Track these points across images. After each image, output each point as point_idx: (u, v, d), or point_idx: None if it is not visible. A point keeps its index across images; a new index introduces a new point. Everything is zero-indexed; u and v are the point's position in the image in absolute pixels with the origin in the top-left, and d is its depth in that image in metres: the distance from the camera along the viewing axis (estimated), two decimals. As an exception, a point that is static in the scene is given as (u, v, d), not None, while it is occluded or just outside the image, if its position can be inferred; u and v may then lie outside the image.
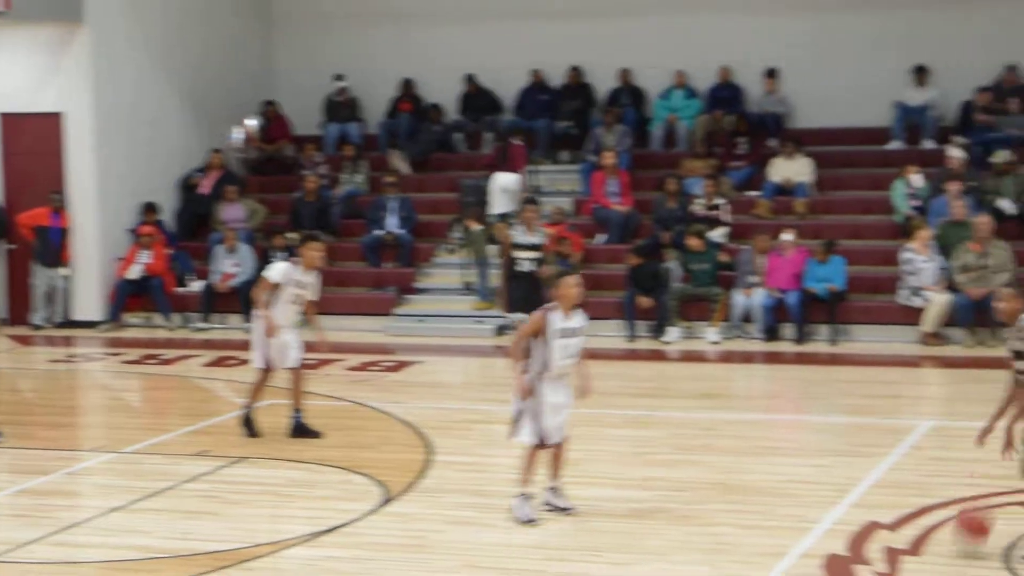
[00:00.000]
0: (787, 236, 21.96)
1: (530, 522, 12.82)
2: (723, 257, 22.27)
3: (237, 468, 15.29)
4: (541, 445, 12.89)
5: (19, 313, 24.59)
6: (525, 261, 18.09)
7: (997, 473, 13.25)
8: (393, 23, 26.97)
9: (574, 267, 22.70)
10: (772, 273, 21.83)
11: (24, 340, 23.53)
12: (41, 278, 24.24)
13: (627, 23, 25.89)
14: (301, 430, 16.35)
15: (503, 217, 23.94)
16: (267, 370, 16.28)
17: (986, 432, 11.83)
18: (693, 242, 22.10)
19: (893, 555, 11.86)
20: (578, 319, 13.04)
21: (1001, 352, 16.25)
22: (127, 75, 24.64)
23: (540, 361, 12.81)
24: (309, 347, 16.21)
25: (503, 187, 24.34)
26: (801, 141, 24.37)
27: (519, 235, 18.21)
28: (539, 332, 12.76)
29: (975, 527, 11.66)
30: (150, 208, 24.52)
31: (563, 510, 13.09)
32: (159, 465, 15.54)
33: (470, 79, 26.37)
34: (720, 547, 12.27)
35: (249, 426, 16.41)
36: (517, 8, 26.37)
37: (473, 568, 11.94)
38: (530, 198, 22.41)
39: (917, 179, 22.67)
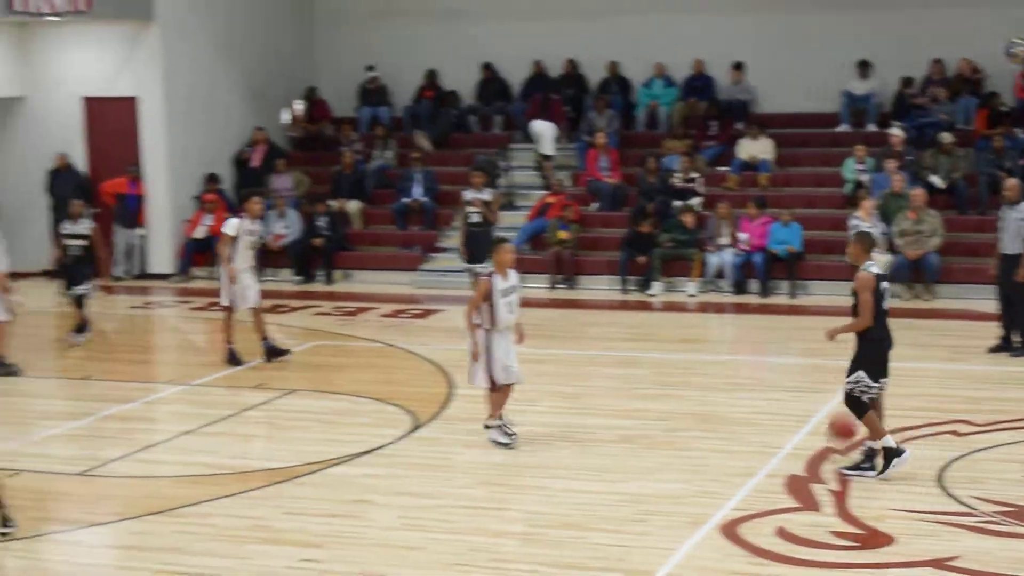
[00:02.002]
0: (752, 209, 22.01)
1: (504, 445, 12.99)
2: (686, 220, 22.19)
3: (289, 399, 15.36)
4: (493, 387, 13.01)
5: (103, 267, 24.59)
6: (474, 214, 18.19)
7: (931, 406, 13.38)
8: (418, 20, 26.87)
9: (574, 228, 22.78)
10: (742, 235, 21.86)
11: (108, 290, 23.54)
12: (121, 237, 24.22)
13: (615, 22, 25.78)
14: (273, 352, 16.97)
15: (547, 158, 24.41)
16: (231, 309, 16.83)
17: None
18: (687, 218, 22.12)
19: (843, 476, 11.94)
20: (513, 278, 13.17)
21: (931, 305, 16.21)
22: (191, 64, 24.56)
23: (487, 319, 12.94)
24: (346, 296, 16.24)
25: (541, 132, 24.58)
26: (764, 124, 24.32)
27: (469, 194, 18.34)
28: (486, 296, 12.85)
29: (843, 430, 11.87)
30: (212, 178, 24.49)
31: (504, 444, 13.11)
32: (222, 396, 15.62)
33: (487, 67, 26.31)
34: (697, 468, 12.35)
35: (234, 358, 16.88)
36: (523, 8, 26.27)
37: (488, 484, 12.03)
38: (479, 165, 22.09)
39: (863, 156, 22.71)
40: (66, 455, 13.35)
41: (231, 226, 16.77)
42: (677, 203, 22.64)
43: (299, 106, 25.99)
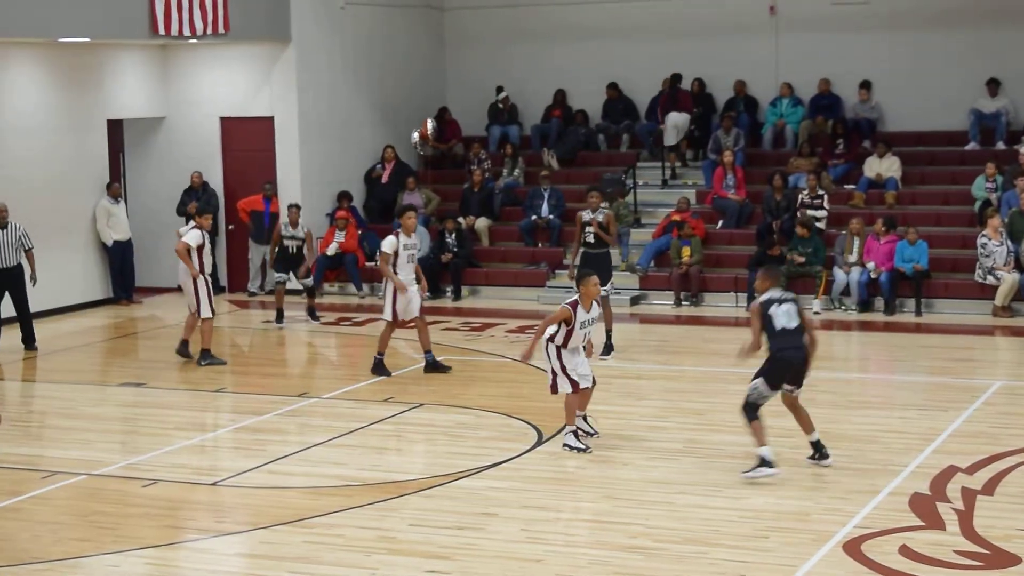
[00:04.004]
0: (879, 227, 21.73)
1: (582, 451, 13.35)
2: (800, 231, 21.97)
3: (416, 412, 15.43)
4: (576, 389, 13.41)
5: (238, 282, 24.90)
6: (590, 235, 18.11)
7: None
8: (547, 40, 26.93)
9: (696, 245, 22.63)
10: (868, 254, 21.59)
11: (242, 304, 23.86)
12: (256, 253, 24.52)
13: (742, 42, 25.63)
14: (434, 366, 17.21)
15: (674, 148, 24.49)
16: (392, 322, 17.13)
17: None
18: (800, 229, 21.92)
19: (969, 494, 11.74)
20: (595, 311, 13.69)
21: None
22: (325, 85, 24.83)
23: (562, 339, 13.39)
24: (473, 312, 16.31)
25: (674, 124, 24.60)
26: (891, 142, 24.02)
27: (587, 214, 18.25)
28: (567, 322, 13.28)
29: None
30: (344, 196, 24.69)
31: (589, 435, 13.75)
32: (352, 409, 15.73)
33: (613, 86, 26.29)
34: (821, 485, 12.22)
35: (380, 369, 17.13)
36: (652, 28, 26.18)
37: (612, 499, 11.99)
38: (600, 184, 21.88)
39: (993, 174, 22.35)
40: (199, 465, 13.55)
41: (388, 244, 17.04)
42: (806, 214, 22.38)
43: (429, 125, 26.16)
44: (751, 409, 12.48)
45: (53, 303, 22.36)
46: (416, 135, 26.18)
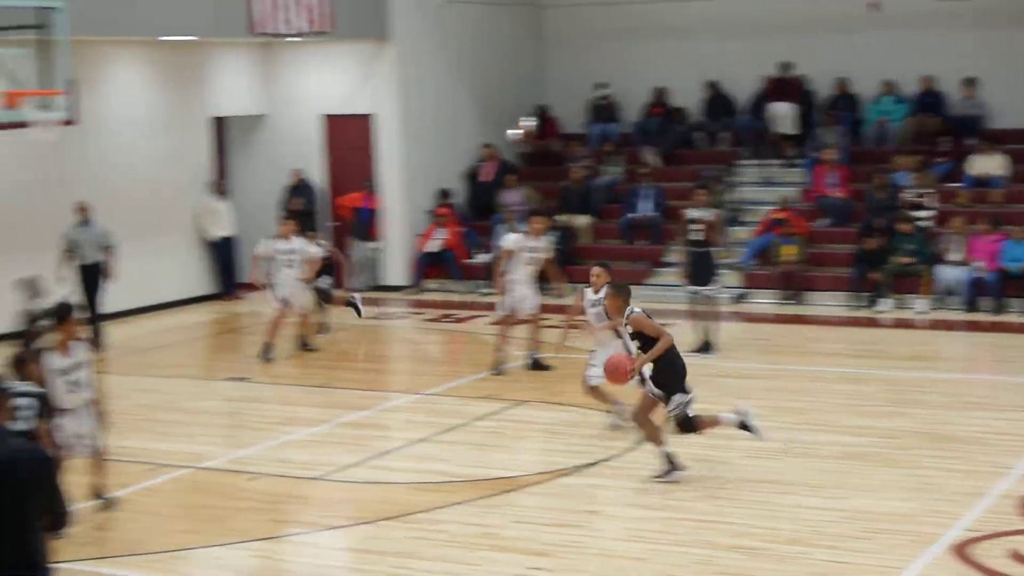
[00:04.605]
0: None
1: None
2: (902, 228, 21.75)
3: (518, 409, 15.49)
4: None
5: (339, 279, 25.10)
6: (695, 233, 18.03)
7: None
8: (647, 39, 26.89)
9: (800, 243, 22.48)
10: (973, 252, 21.35)
11: (343, 301, 24.01)
12: (357, 250, 24.76)
13: (843, 39, 25.44)
14: (537, 365, 17.30)
15: (789, 138, 24.38)
16: (507, 318, 17.32)
17: None
18: (903, 227, 21.71)
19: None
20: (601, 295, 13.77)
21: None
22: (425, 82, 24.98)
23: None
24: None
25: (780, 113, 24.56)
26: (996, 139, 23.72)
27: (695, 212, 18.16)
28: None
29: (616, 371, 12.39)
30: (445, 193, 24.84)
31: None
32: (454, 405, 15.82)
33: (712, 85, 26.19)
34: (925, 487, 12.10)
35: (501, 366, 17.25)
36: (751, 25, 26.08)
37: (713, 498, 11.96)
38: (703, 183, 21.73)
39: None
40: (304, 460, 13.68)
41: (510, 241, 17.34)
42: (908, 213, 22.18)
43: (529, 122, 26.19)
44: (689, 423, 12.31)
45: (156, 299, 22.70)
46: (516, 132, 26.25)
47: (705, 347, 17.98)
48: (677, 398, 12.21)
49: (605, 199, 25.19)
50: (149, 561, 10.83)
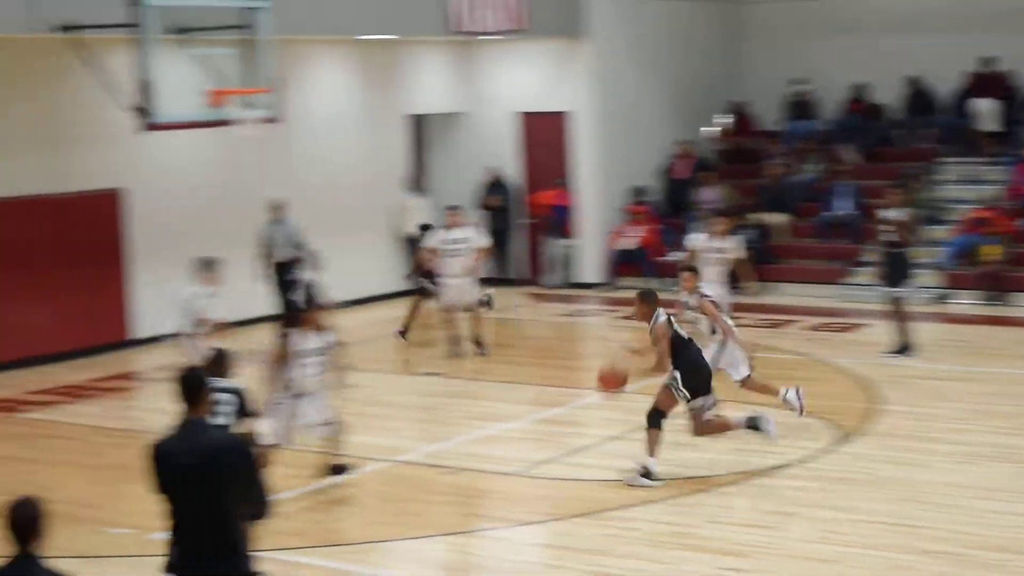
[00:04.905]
0: None
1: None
2: None
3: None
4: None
5: (535, 275, 25.30)
6: (888, 233, 17.63)
7: None
8: (843, 34, 26.50)
9: (1003, 242, 21.95)
10: None
11: (538, 297, 24.16)
12: (551, 247, 24.86)
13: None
14: None
15: (991, 135, 23.91)
16: None
17: None
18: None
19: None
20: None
21: None
22: (621, 80, 24.95)
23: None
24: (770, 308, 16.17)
25: (983, 111, 24.16)
26: None
27: (891, 212, 17.75)
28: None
29: (609, 381, 12.62)
30: (639, 191, 24.81)
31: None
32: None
33: (912, 81, 25.69)
34: None
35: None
36: (953, 18, 25.50)
37: (913, 502, 11.76)
38: (899, 183, 21.22)
39: None
40: (499, 455, 13.78)
41: (692, 240, 17.38)
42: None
43: (725, 119, 26.01)
44: (657, 417, 12.58)
45: (355, 293, 23.03)
46: (712, 130, 26.10)
47: (904, 348, 17.66)
48: (699, 400, 12.61)
49: (802, 197, 24.90)
50: (346, 552, 11.02)
